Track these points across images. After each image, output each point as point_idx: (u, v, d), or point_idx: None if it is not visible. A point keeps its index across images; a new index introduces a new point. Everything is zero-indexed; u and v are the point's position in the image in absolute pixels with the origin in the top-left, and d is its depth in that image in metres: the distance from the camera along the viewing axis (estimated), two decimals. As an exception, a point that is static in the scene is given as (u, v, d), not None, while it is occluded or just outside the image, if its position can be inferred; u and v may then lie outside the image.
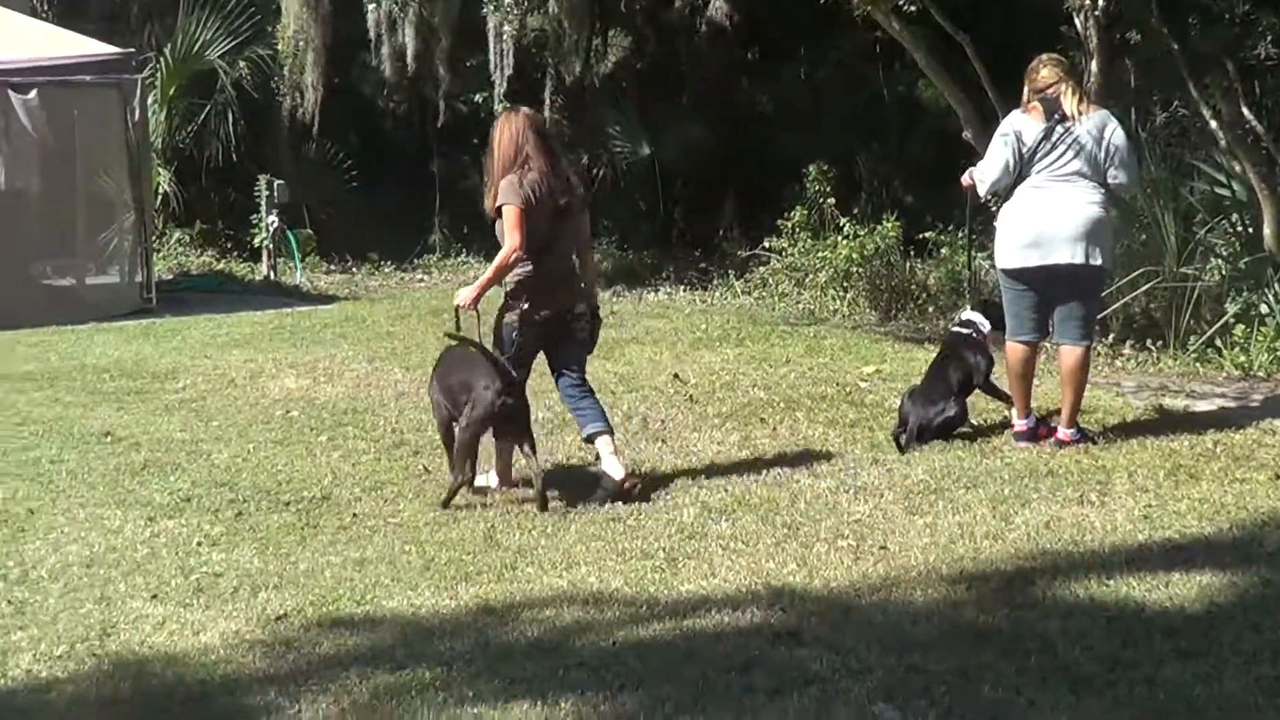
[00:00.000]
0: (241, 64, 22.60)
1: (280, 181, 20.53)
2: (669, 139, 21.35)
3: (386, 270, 21.66)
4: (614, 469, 8.68)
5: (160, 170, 21.43)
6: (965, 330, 10.11)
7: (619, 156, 21.85)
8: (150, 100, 20.10)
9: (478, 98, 22.48)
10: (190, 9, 22.04)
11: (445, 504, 8.49)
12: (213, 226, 23.31)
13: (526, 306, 8.76)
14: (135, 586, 7.17)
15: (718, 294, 17.96)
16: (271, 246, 20.43)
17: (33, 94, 16.65)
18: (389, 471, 9.33)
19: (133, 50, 18.13)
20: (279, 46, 22.78)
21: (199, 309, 17.13)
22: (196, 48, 22.10)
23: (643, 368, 12.68)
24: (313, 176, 23.23)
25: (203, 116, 22.74)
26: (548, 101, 21.37)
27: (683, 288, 18.52)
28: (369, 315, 16.47)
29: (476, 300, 8.77)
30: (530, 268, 8.69)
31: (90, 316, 16.36)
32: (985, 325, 10.05)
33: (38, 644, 6.42)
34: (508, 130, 8.76)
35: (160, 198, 21.59)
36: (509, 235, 8.59)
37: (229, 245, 22.92)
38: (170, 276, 20.50)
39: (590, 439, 8.86)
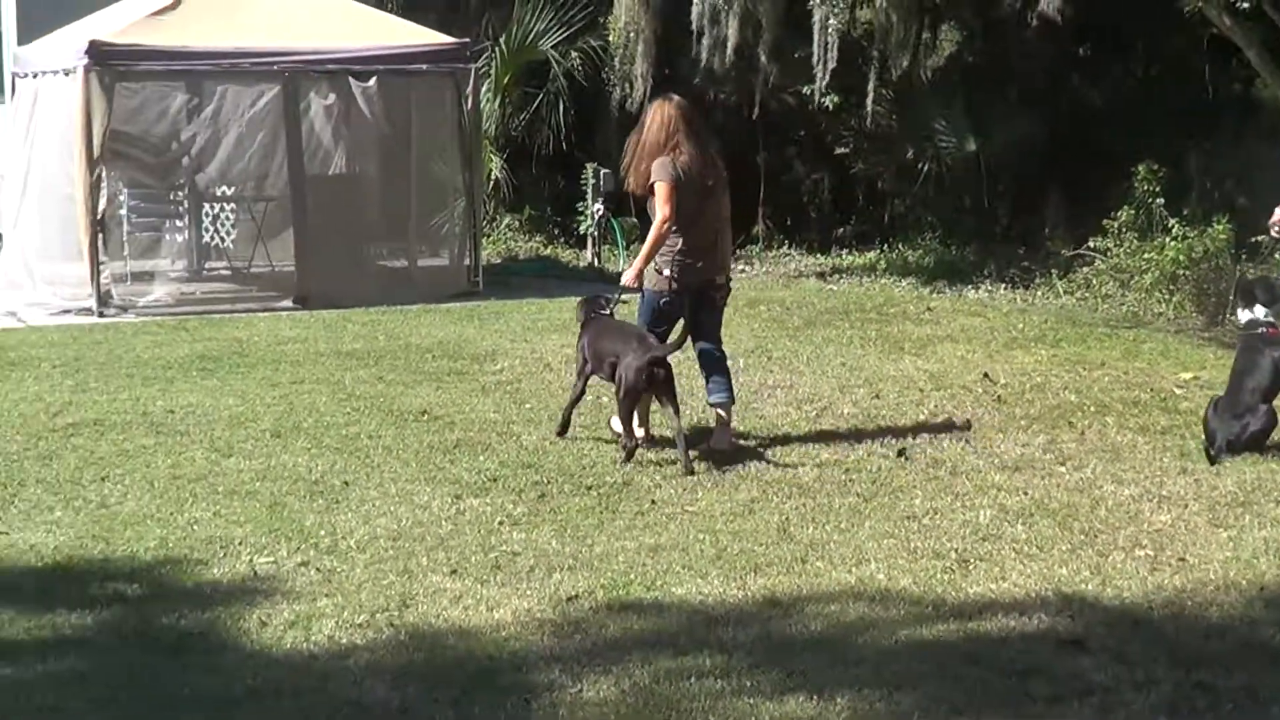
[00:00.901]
0: (574, 54, 22.98)
1: (607, 170, 20.82)
2: (995, 134, 21.01)
3: (710, 259, 21.78)
4: (720, 438, 9.75)
5: (492, 157, 21.94)
6: (1254, 330, 9.76)
7: (944, 151, 21.57)
8: (484, 88, 20.60)
9: (804, 90, 22.48)
10: (526, 0, 22.51)
11: (626, 460, 9.32)
12: (541, 213, 23.75)
13: (676, 276, 9.72)
14: (437, 561, 7.42)
15: (1039, 293, 17.67)
16: (596, 234, 20.77)
17: (372, 81, 17.23)
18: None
19: (468, 40, 18.61)
20: (610, 37, 23.07)
21: (523, 293, 17.51)
22: (531, 38, 22.55)
23: (953, 366, 12.60)
24: (639, 166, 23.49)
25: (535, 105, 23.19)
26: (871, 95, 21.27)
27: (1003, 285, 18.26)
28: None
29: (639, 276, 9.84)
30: (679, 242, 9.65)
31: (419, 298, 16.84)
32: (1268, 314, 9.71)
33: (341, 611, 6.70)
34: (659, 117, 9.76)
35: (491, 184, 22.11)
36: (660, 209, 9.57)
37: (555, 231, 23.34)
38: (498, 261, 21.01)
39: (714, 405, 9.93)
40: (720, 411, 9.90)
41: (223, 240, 18.88)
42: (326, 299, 16.51)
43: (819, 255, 22.10)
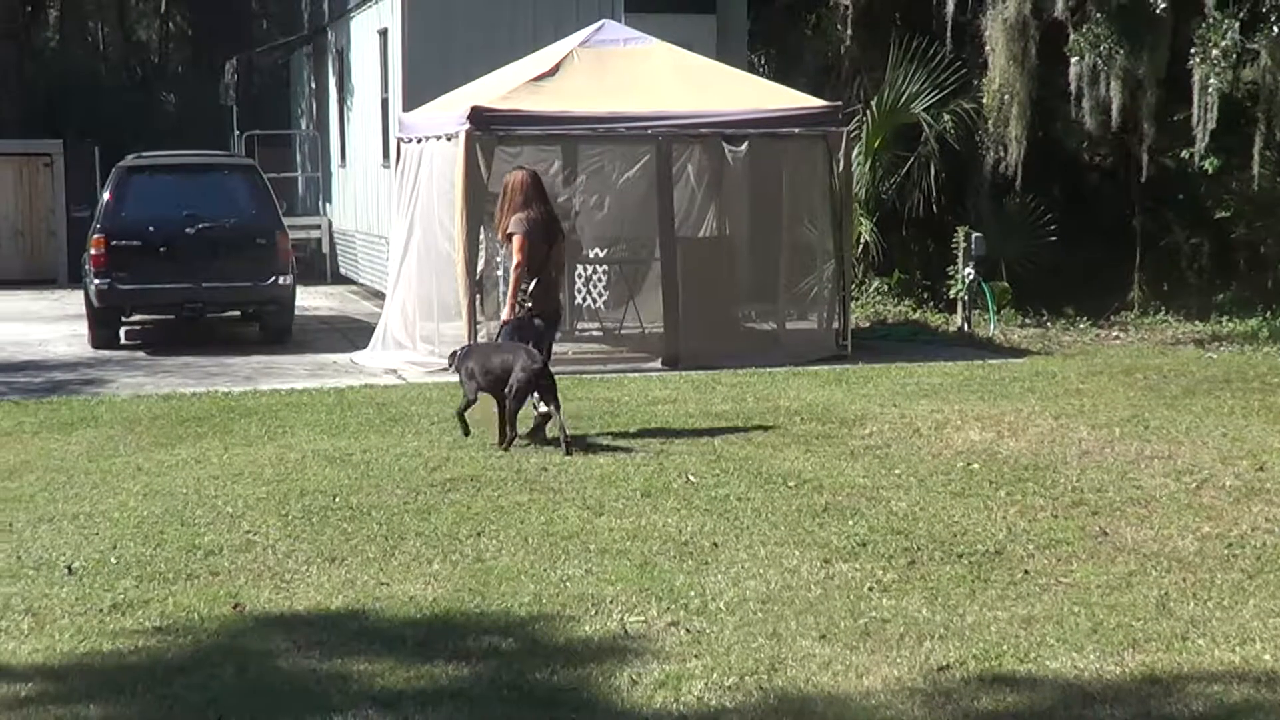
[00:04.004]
0: (946, 117, 22.84)
1: (978, 234, 20.61)
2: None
3: (1081, 326, 21.34)
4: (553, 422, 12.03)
5: (862, 220, 21.91)
6: None
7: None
8: (855, 151, 20.60)
9: (1184, 153, 21.94)
10: (899, 63, 22.47)
11: (505, 447, 11.78)
12: (910, 277, 23.64)
13: (530, 308, 12.23)
14: (805, 625, 7.39)
15: None
16: (967, 298, 20.54)
17: (744, 145, 17.37)
18: (1064, 530, 9.22)
19: (839, 104, 18.63)
20: (984, 100, 22.88)
21: (891, 357, 17.40)
22: (902, 101, 22.49)
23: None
24: (1012, 229, 23.16)
25: (905, 168, 23.10)
26: (1256, 157, 20.58)
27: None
28: (1059, 371, 16.33)
29: (513, 311, 12.32)
30: (534, 282, 12.19)
31: (786, 360, 16.87)
32: None
33: (710, 673, 6.72)
34: (516, 182, 12.48)
35: (861, 247, 22.09)
36: (515, 256, 12.24)
37: (925, 295, 23.19)
38: (866, 324, 20.95)
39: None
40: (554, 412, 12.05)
41: (594, 301, 19.26)
42: (695, 360, 16.65)
43: (1197, 322, 21.47)
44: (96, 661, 7.04)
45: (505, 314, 12.53)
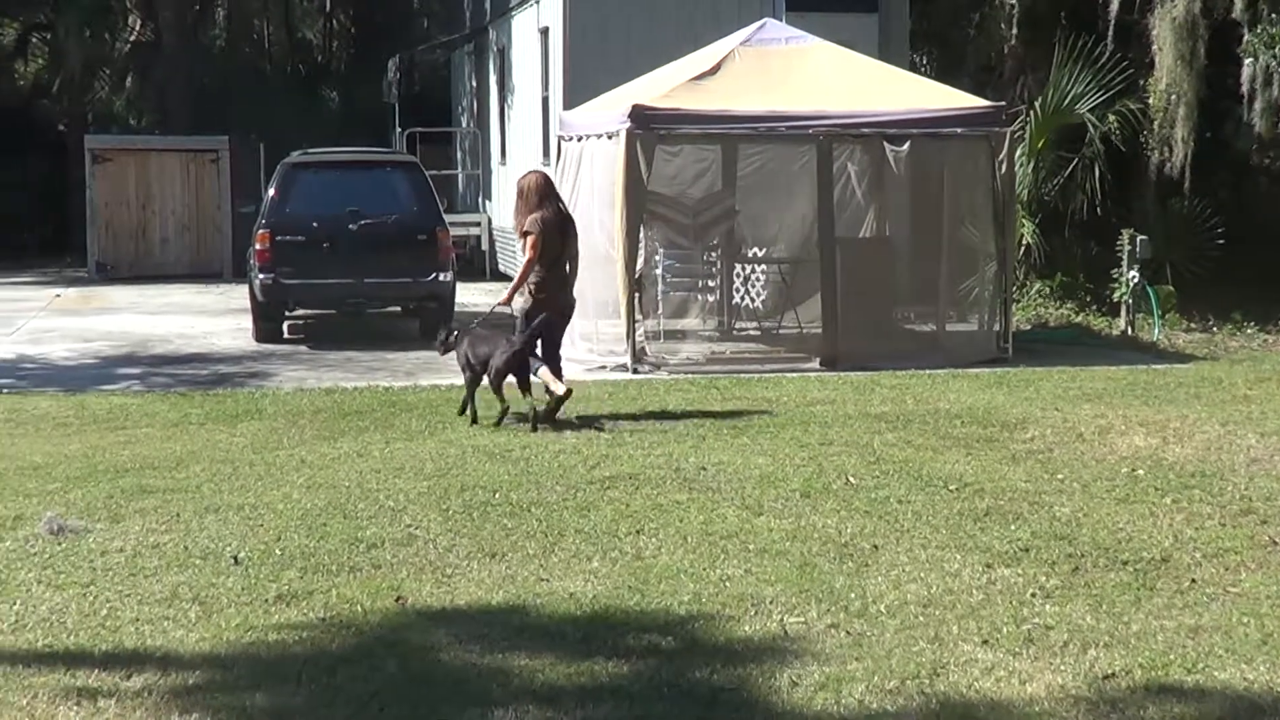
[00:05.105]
0: (1110, 118, 22.51)
1: (1143, 237, 20.28)
2: None
3: (1248, 331, 20.93)
4: (555, 386, 13.04)
5: (1024, 221, 21.65)
6: None
7: None
8: (1018, 152, 20.37)
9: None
10: (1064, 63, 22.18)
11: (498, 423, 12.97)
12: (1073, 279, 23.31)
13: (542, 300, 13.17)
14: (967, 630, 7.31)
15: None
16: (1131, 302, 20.23)
17: (905, 145, 17.24)
18: (1232, 539, 9.05)
19: (1003, 104, 18.43)
20: (1150, 100, 22.55)
21: (1052, 360, 17.18)
22: (1067, 101, 22.19)
23: None
24: (1177, 232, 22.79)
25: (1069, 170, 22.80)
26: None
27: None
28: (1226, 377, 16.04)
29: (509, 300, 13.62)
30: (544, 277, 13.18)
31: (946, 363, 16.72)
32: None
33: (871, 676, 6.67)
34: (531, 184, 13.37)
35: (1023, 249, 21.83)
36: (528, 252, 13.19)
37: (1087, 298, 22.85)
38: (1027, 327, 20.71)
39: (541, 376, 13.11)
40: (543, 374, 13.08)
41: (753, 301, 19.21)
42: (853, 361, 16.57)
43: (1369, 329, 20.99)
44: (262, 651, 7.14)
45: (504, 298, 13.81)
